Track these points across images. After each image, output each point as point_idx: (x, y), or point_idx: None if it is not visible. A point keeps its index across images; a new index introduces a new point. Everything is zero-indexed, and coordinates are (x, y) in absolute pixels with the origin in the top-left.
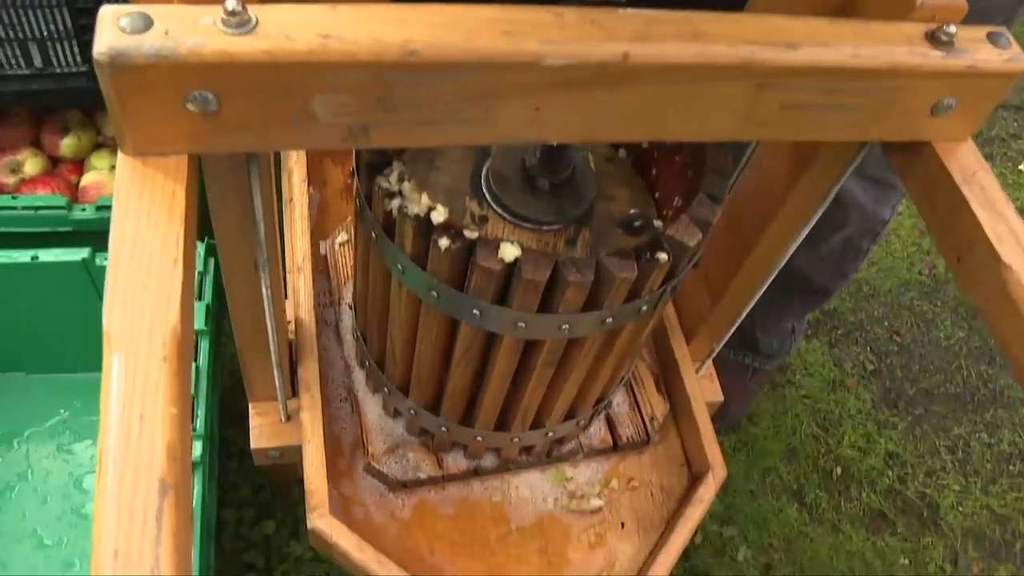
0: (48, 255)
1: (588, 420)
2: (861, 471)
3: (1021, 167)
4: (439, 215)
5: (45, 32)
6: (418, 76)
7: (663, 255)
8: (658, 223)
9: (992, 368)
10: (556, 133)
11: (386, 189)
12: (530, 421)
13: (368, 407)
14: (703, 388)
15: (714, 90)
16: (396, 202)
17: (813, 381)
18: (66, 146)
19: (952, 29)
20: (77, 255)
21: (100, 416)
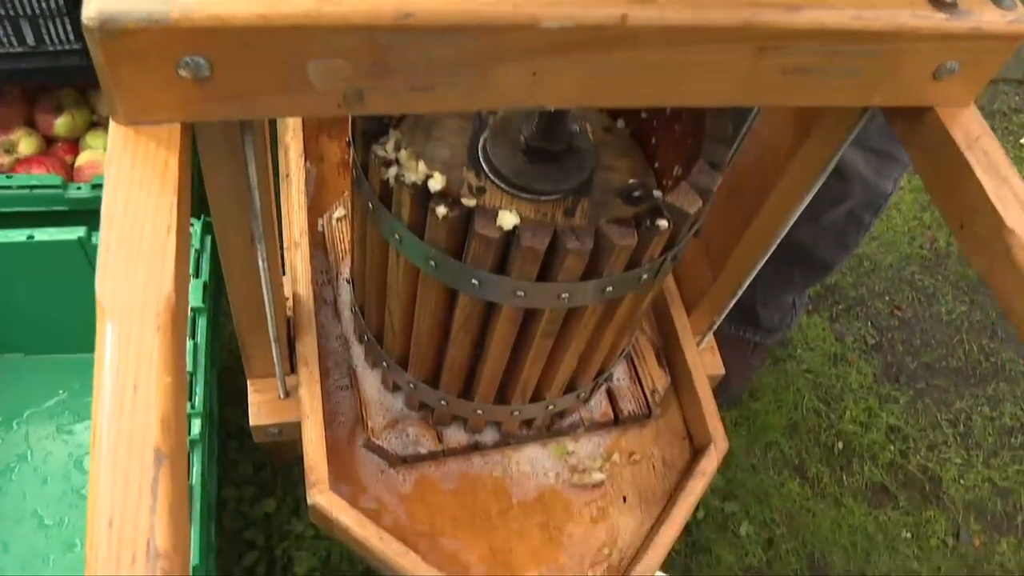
0: (44, 234)
1: (589, 393)
2: (863, 445)
3: (1022, 141)
4: (436, 183)
5: (37, 9)
6: (413, 39)
7: (663, 222)
8: (657, 193)
9: (993, 342)
10: (554, 98)
11: (383, 157)
12: (530, 394)
13: (367, 382)
14: (704, 361)
15: (714, 53)
16: (393, 170)
17: (814, 356)
18: (60, 125)
19: None
20: (73, 234)
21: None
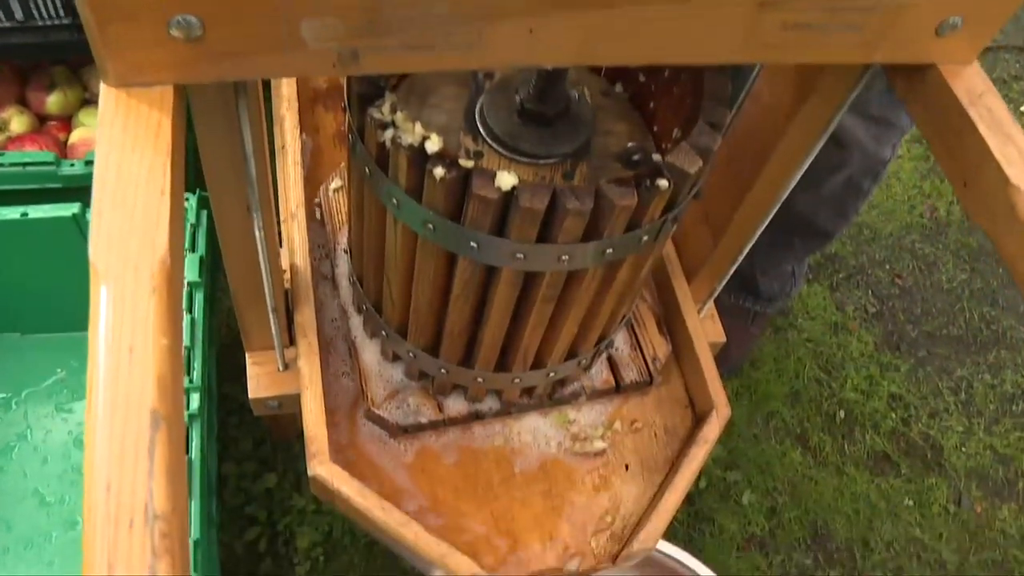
0: (38, 211)
1: (590, 360)
2: (864, 414)
3: (1023, 109)
4: (433, 144)
5: None
6: None
7: (663, 182)
8: (657, 157)
9: (994, 309)
10: (551, 57)
11: (379, 120)
12: (531, 361)
13: (366, 353)
14: (705, 329)
15: (714, 9)
16: (389, 133)
17: (815, 325)
18: (52, 103)
19: None
20: (67, 210)
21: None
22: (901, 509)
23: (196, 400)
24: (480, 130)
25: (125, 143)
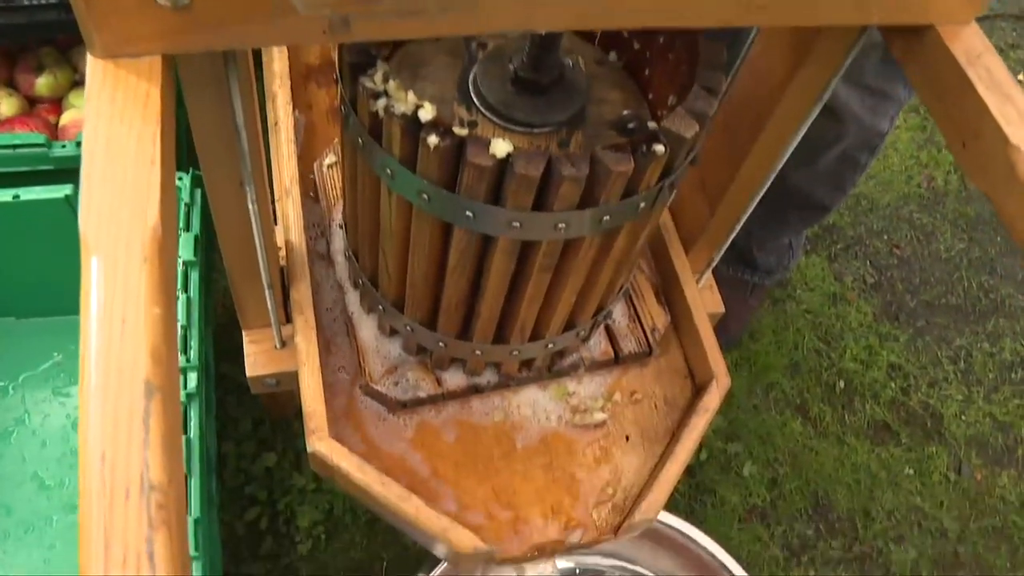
0: (30, 193)
1: (588, 331)
2: (864, 384)
3: (1020, 77)
4: (427, 113)
5: None
6: None
7: (660, 147)
8: (652, 124)
9: (992, 278)
10: (546, 21)
11: (371, 89)
12: (529, 332)
13: (364, 329)
14: (704, 299)
15: None
16: (382, 102)
17: (814, 296)
18: (42, 85)
19: None
20: (60, 192)
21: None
22: (902, 478)
23: (194, 379)
24: (474, 100)
25: (113, 114)
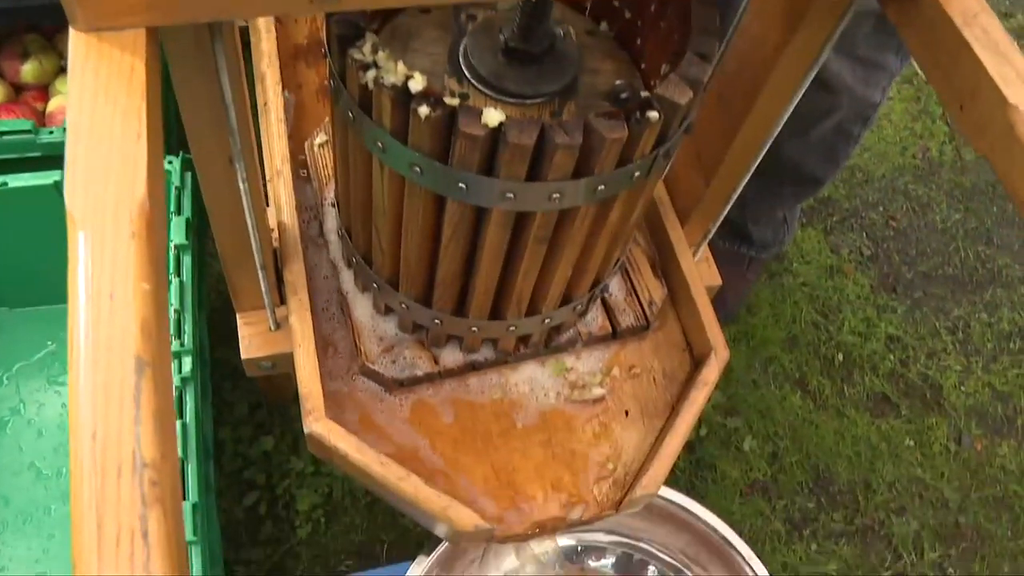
0: (18, 180)
1: (585, 305)
2: (863, 356)
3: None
4: (417, 83)
5: None
6: None
7: (653, 114)
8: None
9: (989, 248)
10: None
11: (360, 61)
12: (525, 307)
13: (358, 307)
14: (701, 272)
15: None
16: (371, 74)
17: (810, 269)
18: (27, 72)
19: None
20: (48, 178)
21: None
22: (902, 449)
23: (188, 363)
24: (464, 72)
25: (98, 89)
